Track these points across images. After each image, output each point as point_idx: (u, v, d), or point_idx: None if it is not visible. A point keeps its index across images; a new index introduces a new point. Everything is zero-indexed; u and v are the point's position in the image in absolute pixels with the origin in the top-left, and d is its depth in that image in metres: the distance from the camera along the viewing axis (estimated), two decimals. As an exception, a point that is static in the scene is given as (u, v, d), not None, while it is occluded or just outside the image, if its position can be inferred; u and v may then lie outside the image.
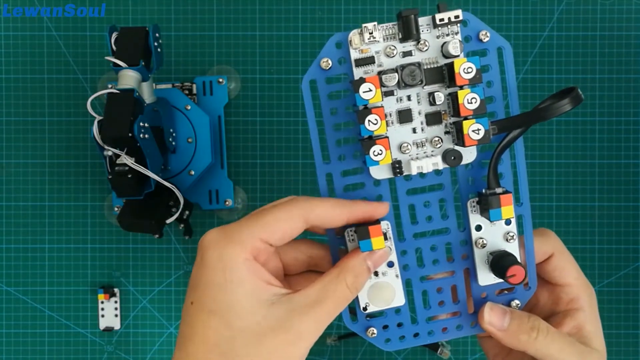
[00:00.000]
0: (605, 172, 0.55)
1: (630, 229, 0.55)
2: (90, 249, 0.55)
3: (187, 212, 0.51)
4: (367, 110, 0.32)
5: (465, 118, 0.33)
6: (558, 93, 0.35)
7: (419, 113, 0.34)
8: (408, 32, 0.33)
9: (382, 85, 0.32)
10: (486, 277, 0.36)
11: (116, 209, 0.54)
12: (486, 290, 0.36)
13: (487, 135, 0.32)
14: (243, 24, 0.54)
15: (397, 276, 0.35)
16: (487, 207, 0.34)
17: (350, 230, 0.35)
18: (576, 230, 0.55)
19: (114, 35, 0.45)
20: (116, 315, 0.55)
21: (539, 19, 0.54)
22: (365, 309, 0.35)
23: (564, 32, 0.55)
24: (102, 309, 0.55)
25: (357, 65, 0.34)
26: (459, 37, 0.34)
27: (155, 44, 0.46)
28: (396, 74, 0.33)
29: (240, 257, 0.30)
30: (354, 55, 0.34)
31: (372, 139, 0.32)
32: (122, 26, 0.46)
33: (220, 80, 0.54)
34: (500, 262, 0.35)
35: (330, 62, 0.34)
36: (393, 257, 0.35)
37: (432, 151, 0.35)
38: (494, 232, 0.36)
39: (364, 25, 0.33)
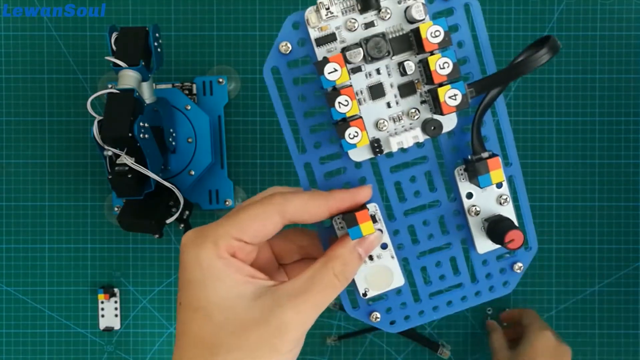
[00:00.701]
0: (605, 172, 0.55)
1: (630, 229, 0.55)
2: (90, 249, 0.55)
3: (187, 212, 0.51)
4: (336, 92, 0.30)
5: (440, 85, 0.31)
6: (534, 44, 0.33)
7: (391, 86, 0.32)
8: (367, 2, 0.31)
9: (347, 62, 0.31)
10: (484, 245, 0.35)
11: (116, 209, 0.54)
12: (486, 257, 0.35)
13: (465, 99, 0.31)
14: (243, 24, 0.54)
15: (392, 257, 0.35)
16: (475, 173, 0.33)
17: (338, 218, 0.33)
18: (576, 230, 0.55)
19: (114, 35, 0.45)
20: (116, 315, 0.55)
21: (539, 19, 0.54)
22: (365, 294, 0.35)
23: (564, 32, 0.55)
24: (102, 309, 0.55)
25: (318, 45, 0.32)
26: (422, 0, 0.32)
27: (155, 44, 0.46)
28: (360, 48, 0.31)
29: (215, 255, 0.30)
30: (314, 34, 0.32)
31: (345, 121, 0.31)
32: (122, 26, 0.46)
33: (220, 80, 0.54)
34: (496, 228, 0.34)
35: (289, 45, 0.32)
36: (386, 238, 0.34)
37: (410, 124, 0.33)
38: (486, 198, 0.34)
39: (319, 1, 0.31)
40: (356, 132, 0.31)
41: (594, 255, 0.55)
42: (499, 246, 0.35)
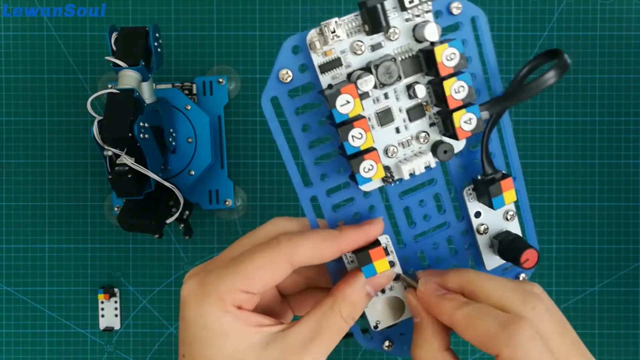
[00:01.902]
0: (605, 172, 0.55)
1: (630, 229, 0.55)
2: (90, 249, 0.55)
3: (187, 212, 0.51)
4: (349, 125, 0.29)
5: (455, 110, 0.29)
6: (541, 55, 0.32)
7: (400, 110, 0.31)
8: (377, 23, 0.29)
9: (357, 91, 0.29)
10: (492, 261, 0.35)
11: (116, 209, 0.54)
12: (493, 273, 0.35)
13: (480, 123, 0.30)
14: (243, 24, 0.54)
15: (405, 288, 0.33)
16: (486, 194, 0.32)
17: (349, 253, 0.32)
18: (576, 230, 0.55)
19: (114, 35, 0.45)
20: (116, 315, 0.55)
21: (539, 19, 0.54)
22: (376, 327, 0.33)
23: (564, 32, 0.55)
24: (102, 309, 0.55)
25: (322, 72, 0.29)
26: (431, 16, 0.30)
27: (155, 44, 0.46)
28: (371, 75, 0.29)
29: (221, 311, 0.29)
30: (317, 60, 0.29)
31: (359, 155, 0.29)
32: (122, 26, 0.46)
33: (220, 80, 0.54)
34: (510, 248, 0.33)
35: (290, 73, 0.29)
36: (398, 269, 0.33)
37: (419, 148, 0.32)
38: (494, 215, 0.34)
39: (323, 23, 0.29)
40: (371, 165, 0.29)
41: (594, 255, 0.55)
42: (504, 261, 0.34)
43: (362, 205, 0.32)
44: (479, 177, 0.33)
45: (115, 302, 0.55)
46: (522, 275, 0.36)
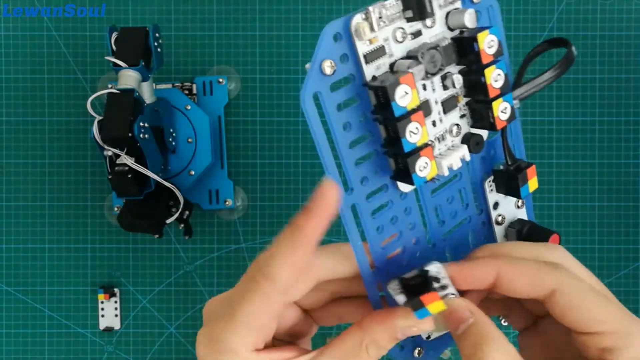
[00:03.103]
0: (605, 172, 0.55)
1: (630, 229, 0.55)
2: (90, 249, 0.55)
3: (187, 212, 0.51)
4: (407, 119, 0.26)
5: (494, 99, 0.28)
6: (549, 41, 0.32)
7: (436, 102, 0.29)
8: (423, 9, 0.27)
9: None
10: None
11: (116, 209, 0.54)
12: None
13: (513, 112, 0.29)
14: (243, 24, 0.54)
15: (453, 295, 0.30)
16: (510, 184, 0.31)
17: (395, 285, 0.29)
18: (576, 230, 0.55)
19: (114, 35, 0.45)
20: (116, 315, 0.55)
21: (539, 19, 0.54)
22: (428, 337, 0.32)
23: (564, 32, 0.55)
24: (102, 309, 0.55)
25: (367, 62, 0.27)
26: (459, 3, 0.29)
27: (155, 44, 0.46)
28: (422, 64, 0.27)
29: None
30: (362, 49, 0.27)
31: (416, 152, 0.27)
32: (122, 26, 0.46)
33: (220, 80, 0.54)
34: (533, 236, 0.33)
35: (333, 64, 0.26)
36: (452, 289, 0.29)
37: (451, 141, 0.30)
38: (509, 204, 0.34)
39: (369, 8, 0.26)
40: (426, 162, 0.28)
41: (594, 255, 0.55)
42: None
43: (399, 208, 0.30)
44: (501, 167, 0.32)
45: (115, 302, 0.55)
46: None
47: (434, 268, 0.29)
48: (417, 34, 0.28)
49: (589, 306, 0.28)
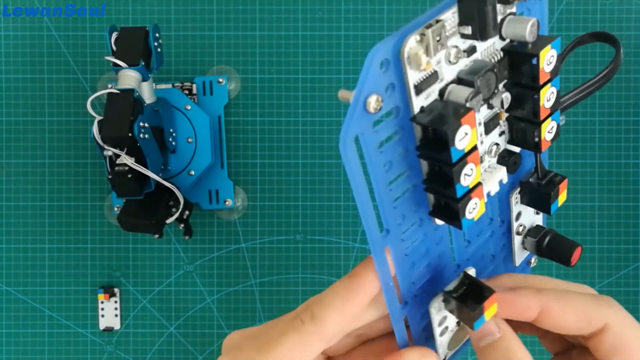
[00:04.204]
0: (605, 172, 0.55)
1: (630, 229, 0.55)
2: (90, 249, 0.55)
3: (187, 212, 0.51)
4: (463, 162, 0.23)
5: (544, 120, 0.25)
6: (590, 35, 0.29)
7: (479, 124, 0.25)
8: (485, 26, 0.22)
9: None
10: (520, 257, 0.33)
11: (116, 209, 0.54)
12: (520, 267, 0.33)
13: (558, 130, 0.26)
14: (243, 24, 0.54)
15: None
16: (542, 197, 0.28)
17: (437, 303, 0.27)
18: (576, 230, 0.55)
19: (114, 35, 0.45)
20: (116, 315, 0.55)
21: (539, 19, 0.54)
22: (445, 358, 0.31)
23: (564, 32, 0.55)
24: (102, 309, 0.55)
25: (418, 93, 0.22)
26: (514, 7, 0.24)
27: (155, 44, 0.46)
28: (480, 94, 0.23)
29: None
30: (414, 77, 0.22)
31: (467, 194, 0.24)
32: (122, 26, 0.46)
33: (220, 80, 0.54)
34: (555, 249, 0.31)
35: (380, 99, 0.21)
36: None
37: (489, 162, 0.27)
38: (529, 212, 0.31)
39: (427, 30, 0.21)
40: (476, 203, 0.24)
41: (594, 255, 0.55)
42: (528, 252, 0.33)
43: (432, 240, 0.27)
44: (531, 180, 0.29)
45: (115, 302, 0.55)
46: (533, 259, 0.34)
47: (473, 273, 0.28)
48: (471, 50, 0.23)
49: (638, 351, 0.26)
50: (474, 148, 0.23)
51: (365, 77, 0.21)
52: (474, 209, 0.24)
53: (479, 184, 0.24)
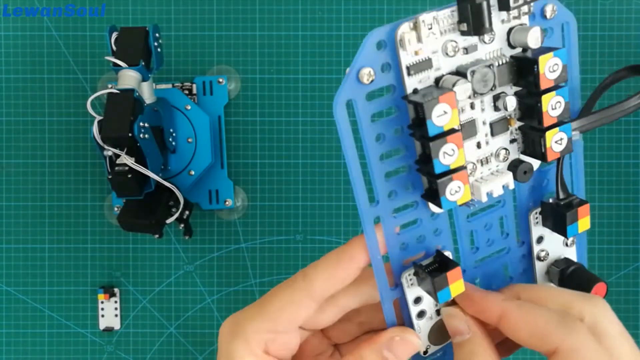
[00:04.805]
0: (605, 172, 0.55)
1: (630, 229, 0.55)
2: (90, 249, 0.55)
3: (187, 212, 0.51)
4: (442, 140, 0.25)
5: (548, 128, 0.26)
6: (627, 69, 0.30)
7: (484, 123, 0.27)
8: (480, 24, 0.25)
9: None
10: None
11: (116, 209, 0.54)
12: None
13: (570, 144, 0.27)
14: (243, 24, 0.54)
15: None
16: (557, 219, 0.29)
17: (408, 275, 0.28)
18: (576, 230, 0.55)
19: (114, 35, 0.45)
20: (116, 315, 0.55)
21: (539, 19, 0.54)
22: (425, 352, 0.31)
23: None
24: (102, 309, 0.55)
25: (409, 74, 0.25)
26: (527, 19, 0.26)
27: (155, 44, 0.46)
28: (469, 83, 0.25)
29: (247, 352, 0.28)
30: (406, 59, 0.25)
31: (448, 174, 0.26)
32: (122, 26, 0.46)
33: (220, 80, 0.54)
34: (576, 280, 0.30)
35: (373, 72, 0.25)
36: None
37: (497, 166, 0.28)
38: (555, 240, 0.31)
39: (419, 17, 0.25)
40: (459, 187, 0.26)
41: (594, 255, 0.55)
42: (552, 284, 0.32)
43: (428, 228, 0.29)
44: (551, 201, 0.30)
45: (115, 302, 0.55)
46: None
47: (449, 254, 0.29)
48: (471, 48, 0.26)
49: None
50: (457, 130, 0.25)
51: (360, 52, 0.24)
52: (457, 192, 0.26)
53: (462, 167, 0.26)
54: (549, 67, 0.25)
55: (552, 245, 0.32)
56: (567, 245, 0.32)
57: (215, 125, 0.54)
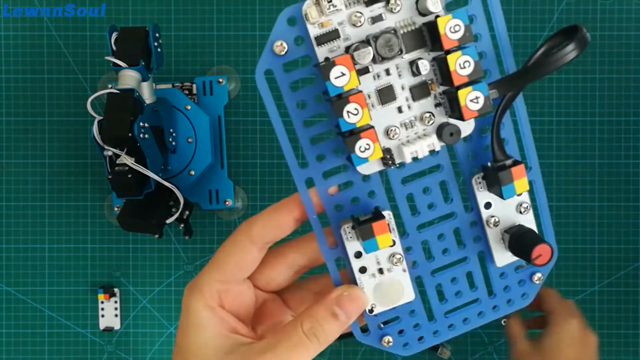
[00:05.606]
0: (605, 172, 0.55)
1: (630, 229, 0.55)
2: (90, 249, 0.55)
3: (187, 212, 0.51)
4: (344, 100, 0.27)
5: (460, 87, 0.28)
6: (557, 34, 0.30)
7: (402, 88, 0.29)
8: None
9: (354, 63, 0.27)
10: (503, 257, 0.32)
11: (116, 209, 0.54)
12: (504, 270, 0.33)
13: (488, 102, 0.28)
14: (243, 24, 0.54)
15: (404, 270, 0.31)
16: (496, 182, 0.30)
17: (347, 227, 0.30)
18: (576, 230, 0.55)
19: (114, 35, 0.45)
20: (116, 315, 0.55)
21: (539, 19, 0.54)
22: (371, 311, 0.32)
23: None
24: (102, 309, 0.55)
25: (319, 44, 0.28)
26: None
27: (155, 44, 0.46)
28: (370, 47, 0.27)
29: (200, 305, 0.30)
30: (313, 31, 0.28)
31: (355, 133, 0.28)
32: (122, 26, 0.46)
33: (220, 80, 0.54)
34: (520, 243, 0.31)
35: (285, 45, 0.28)
36: (398, 248, 0.31)
37: (423, 130, 0.30)
38: (506, 207, 0.32)
39: None
40: (367, 144, 0.28)
41: (594, 255, 0.55)
42: (516, 258, 0.32)
43: (361, 190, 0.30)
44: (489, 164, 0.30)
45: (115, 302, 0.55)
46: (538, 275, 0.33)
47: (387, 215, 0.30)
48: (377, 18, 0.28)
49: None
50: (356, 91, 0.28)
51: (274, 28, 0.28)
52: (367, 150, 0.28)
53: (369, 126, 0.28)
54: (450, 28, 0.27)
55: (504, 212, 0.32)
56: (520, 212, 0.32)
57: (215, 125, 0.54)
